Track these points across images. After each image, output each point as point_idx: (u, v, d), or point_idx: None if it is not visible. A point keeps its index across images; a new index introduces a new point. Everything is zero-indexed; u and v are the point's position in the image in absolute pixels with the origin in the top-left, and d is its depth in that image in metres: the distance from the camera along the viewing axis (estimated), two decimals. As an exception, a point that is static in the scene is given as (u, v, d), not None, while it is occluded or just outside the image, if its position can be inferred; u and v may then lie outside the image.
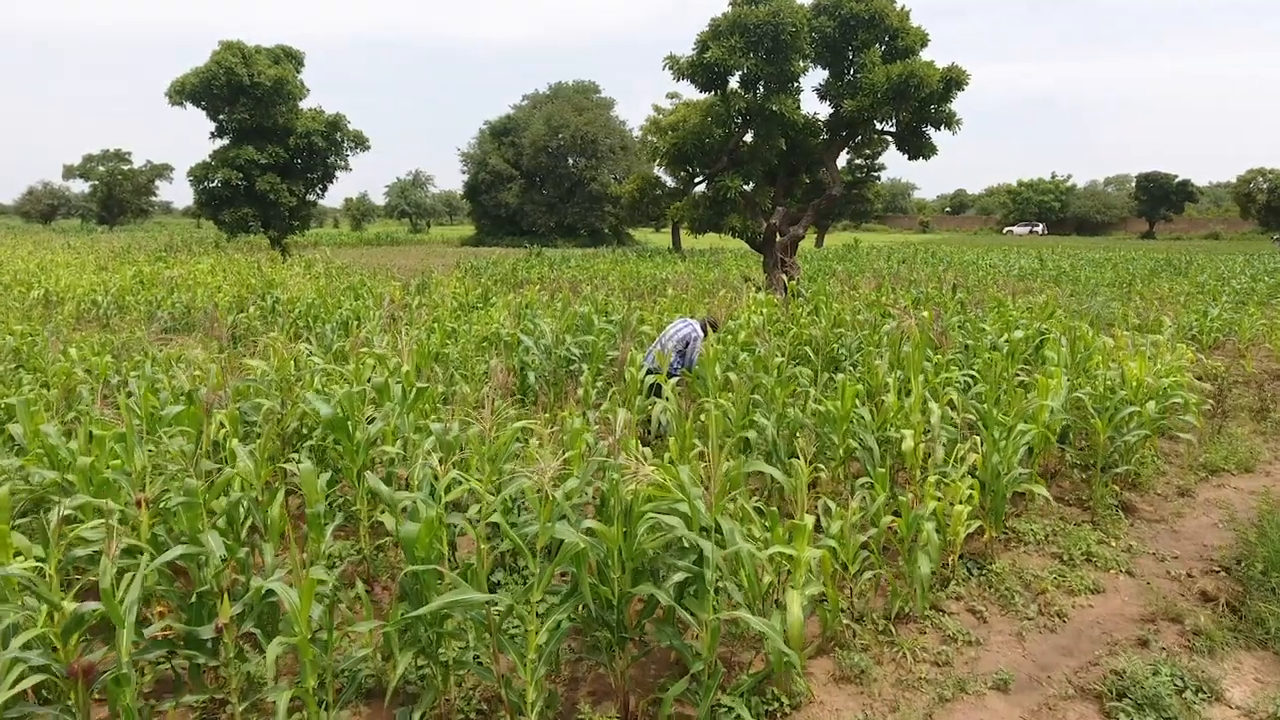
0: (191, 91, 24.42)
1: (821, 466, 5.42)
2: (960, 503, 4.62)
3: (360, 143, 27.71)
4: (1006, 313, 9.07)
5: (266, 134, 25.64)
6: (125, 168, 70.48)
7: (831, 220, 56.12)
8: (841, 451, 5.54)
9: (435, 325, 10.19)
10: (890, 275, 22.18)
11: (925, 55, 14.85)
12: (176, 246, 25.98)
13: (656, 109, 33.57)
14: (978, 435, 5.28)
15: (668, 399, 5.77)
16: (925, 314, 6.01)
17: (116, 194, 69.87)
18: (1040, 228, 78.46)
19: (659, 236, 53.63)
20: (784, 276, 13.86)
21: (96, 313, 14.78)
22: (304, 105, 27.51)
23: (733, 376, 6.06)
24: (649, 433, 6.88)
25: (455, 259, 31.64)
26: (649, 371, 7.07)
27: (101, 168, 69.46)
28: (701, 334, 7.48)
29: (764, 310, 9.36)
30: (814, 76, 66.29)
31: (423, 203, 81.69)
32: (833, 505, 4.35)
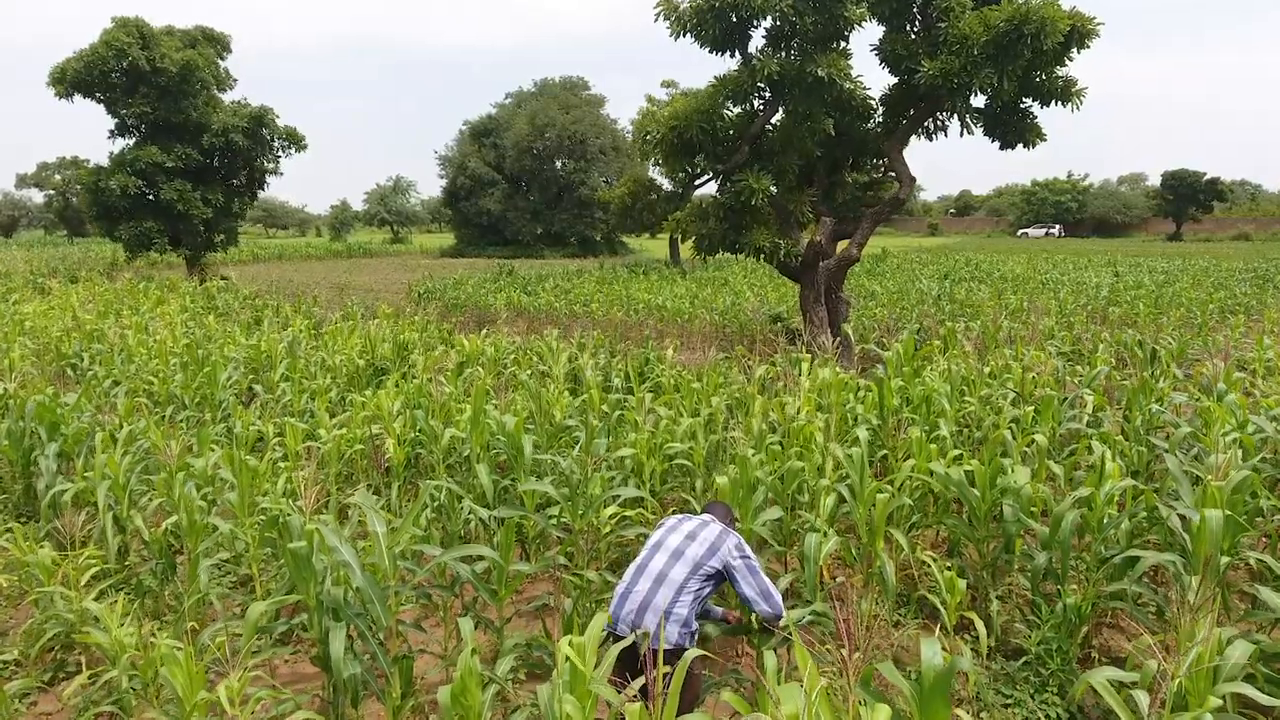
0: (76, 79, 19.67)
1: None
2: None
3: (294, 141, 22.87)
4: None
5: (175, 131, 20.89)
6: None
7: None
8: None
9: (244, 453, 5.71)
10: (944, 299, 17.78)
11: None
12: (63, 269, 21.35)
13: (650, 100, 28.89)
14: None
15: None
16: None
17: (75, 203, 64.83)
18: (1057, 229, 74.28)
19: (657, 244, 48.81)
20: (846, 328, 9.33)
21: None
22: (230, 98, 22.83)
23: None
24: None
25: (422, 274, 27.34)
26: (619, 648, 2.64)
27: (58, 176, 64.46)
28: (745, 554, 3.12)
29: (855, 427, 4.87)
30: (866, 36, 60.54)
31: (405, 210, 77.00)
32: None
